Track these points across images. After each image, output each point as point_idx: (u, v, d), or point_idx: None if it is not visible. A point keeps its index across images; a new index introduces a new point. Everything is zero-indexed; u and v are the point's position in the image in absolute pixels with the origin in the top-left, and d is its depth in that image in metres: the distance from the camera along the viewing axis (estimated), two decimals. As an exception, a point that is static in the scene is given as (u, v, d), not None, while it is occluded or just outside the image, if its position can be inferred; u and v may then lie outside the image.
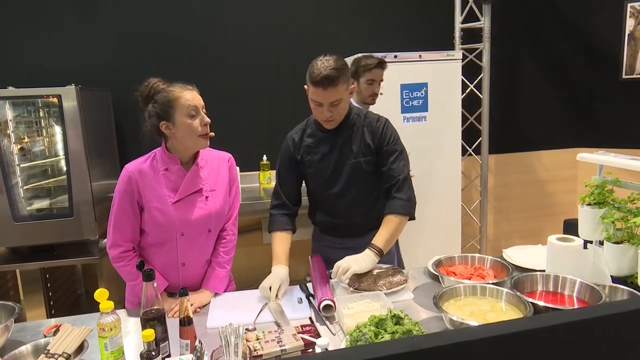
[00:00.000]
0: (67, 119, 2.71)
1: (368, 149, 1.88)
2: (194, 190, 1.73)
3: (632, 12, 3.68)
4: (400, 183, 1.85)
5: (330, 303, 1.56)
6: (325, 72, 1.67)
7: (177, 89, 1.64)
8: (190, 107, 1.62)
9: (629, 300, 1.32)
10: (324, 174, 1.92)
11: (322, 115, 1.79)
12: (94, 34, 3.31)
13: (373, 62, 2.59)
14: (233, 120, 3.53)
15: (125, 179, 1.67)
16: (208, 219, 1.76)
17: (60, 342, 1.33)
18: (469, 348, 0.70)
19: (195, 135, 1.65)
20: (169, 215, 1.68)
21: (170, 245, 1.73)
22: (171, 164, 1.71)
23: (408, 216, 1.86)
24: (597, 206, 1.75)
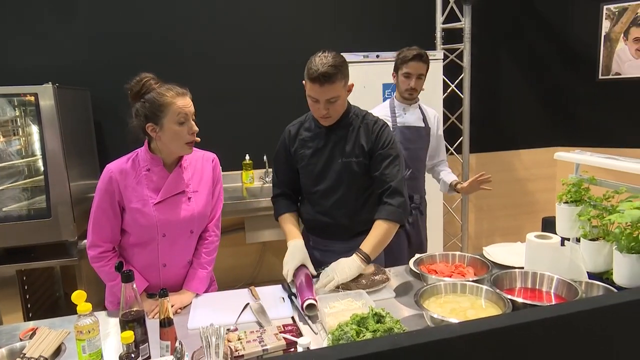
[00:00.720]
0: (44, 118, 2.65)
1: (361, 151, 1.86)
2: (177, 192, 1.71)
3: (608, 14, 3.76)
4: (392, 189, 1.81)
5: (313, 302, 1.55)
6: (323, 69, 1.67)
7: (170, 94, 1.60)
8: (181, 114, 1.60)
9: (604, 296, 1.35)
10: (313, 170, 1.91)
11: (318, 112, 1.79)
12: (72, 33, 3.25)
13: (410, 54, 2.42)
14: (215, 120, 3.50)
15: (106, 179, 1.65)
16: (190, 220, 1.74)
17: (36, 346, 1.31)
18: (449, 345, 0.71)
19: (181, 143, 1.64)
20: (150, 216, 1.66)
21: (152, 246, 1.71)
22: (154, 164, 1.68)
23: (398, 223, 1.82)
24: (573, 204, 1.78)
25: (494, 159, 4.15)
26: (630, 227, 1.50)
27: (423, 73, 2.45)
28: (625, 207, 1.52)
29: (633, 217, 1.46)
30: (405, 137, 2.49)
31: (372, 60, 3.20)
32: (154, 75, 1.66)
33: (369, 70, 3.20)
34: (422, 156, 2.57)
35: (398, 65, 2.48)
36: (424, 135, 2.54)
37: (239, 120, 3.59)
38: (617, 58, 3.75)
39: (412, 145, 2.49)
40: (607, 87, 3.84)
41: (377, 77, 3.22)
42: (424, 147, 2.56)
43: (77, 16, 3.24)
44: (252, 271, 3.68)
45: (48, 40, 3.22)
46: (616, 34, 3.73)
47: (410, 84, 2.44)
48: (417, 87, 2.46)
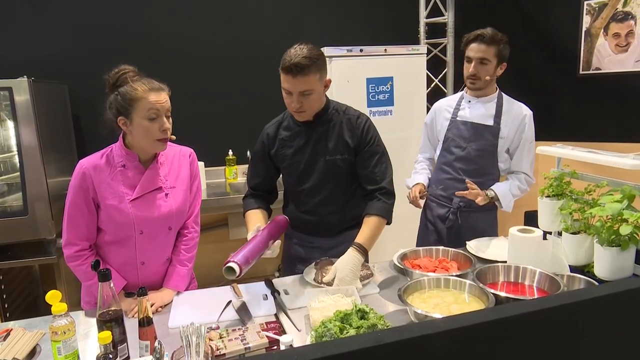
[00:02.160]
0: (20, 112, 2.58)
1: (346, 147, 1.82)
2: (153, 188, 1.67)
3: (589, 10, 3.80)
4: (386, 190, 1.81)
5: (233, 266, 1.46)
6: (296, 60, 1.61)
7: (142, 88, 1.55)
8: (152, 110, 1.55)
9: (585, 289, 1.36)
10: (297, 169, 1.87)
11: (291, 106, 1.73)
12: (49, 25, 3.17)
13: (471, 35, 2.12)
14: (198, 115, 3.46)
15: (79, 175, 1.60)
16: (168, 216, 1.70)
17: (10, 347, 1.27)
18: (432, 340, 0.71)
19: (151, 139, 1.59)
20: (126, 213, 1.62)
21: (129, 244, 1.68)
22: (129, 160, 1.64)
23: (388, 220, 1.81)
24: (555, 198, 1.79)
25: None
26: (610, 221, 1.51)
27: (486, 57, 2.07)
28: (606, 200, 1.53)
29: (613, 210, 1.47)
30: (459, 134, 2.20)
31: (356, 54, 3.18)
32: (135, 68, 1.62)
33: (353, 65, 3.18)
34: (480, 159, 2.18)
35: (463, 50, 2.18)
36: (486, 135, 2.15)
37: (222, 115, 3.55)
38: (597, 53, 3.80)
39: (465, 144, 2.18)
40: (588, 82, 3.88)
41: (361, 71, 3.21)
42: (485, 149, 2.17)
43: (53, 7, 3.16)
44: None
45: (23, 32, 3.13)
46: (596, 30, 3.78)
47: (470, 69, 2.12)
48: (479, 73, 2.10)
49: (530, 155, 2.20)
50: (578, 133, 3.88)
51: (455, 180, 2.20)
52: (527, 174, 2.21)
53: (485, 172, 2.19)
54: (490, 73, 2.12)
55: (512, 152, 2.20)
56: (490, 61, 2.09)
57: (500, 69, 2.15)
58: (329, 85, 1.78)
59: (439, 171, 2.29)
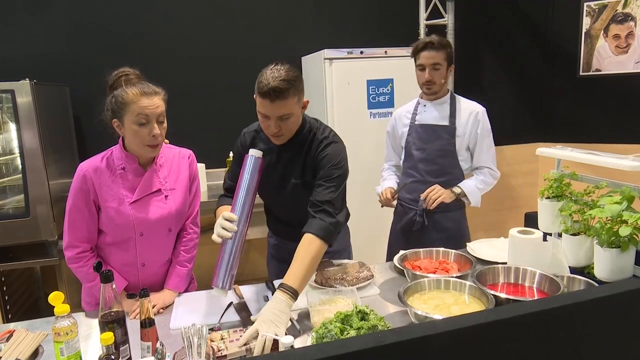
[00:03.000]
0: (22, 115, 2.59)
1: (307, 170, 1.74)
2: (153, 191, 1.69)
3: (589, 11, 3.81)
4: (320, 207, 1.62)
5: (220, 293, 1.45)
6: (274, 84, 1.51)
7: (133, 92, 1.55)
8: (141, 115, 1.55)
9: (585, 290, 1.37)
10: (270, 186, 1.80)
11: (269, 130, 1.63)
12: (50, 28, 3.17)
13: (420, 44, 2.19)
14: (199, 117, 3.47)
15: (79, 177, 1.61)
16: (168, 218, 1.71)
17: (13, 348, 1.28)
18: (433, 341, 0.71)
19: (141, 144, 1.59)
20: (126, 215, 1.63)
21: (129, 245, 1.69)
22: (129, 163, 1.66)
23: (327, 242, 1.59)
24: (555, 199, 1.80)
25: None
26: (610, 222, 1.51)
27: (438, 62, 2.16)
28: (606, 202, 1.54)
29: (613, 211, 1.48)
30: (418, 137, 2.27)
31: (356, 56, 3.19)
32: (136, 70, 1.63)
33: (353, 67, 3.19)
34: (440, 159, 2.24)
35: (413, 59, 2.25)
36: (444, 135, 2.23)
37: (223, 116, 3.56)
38: (597, 55, 3.80)
39: (425, 146, 2.25)
40: (588, 84, 3.89)
41: (361, 73, 3.21)
42: (444, 148, 2.23)
43: (53, 9, 3.17)
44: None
45: (24, 35, 3.14)
46: (596, 31, 3.78)
47: (425, 76, 2.19)
48: (434, 78, 2.18)
49: (490, 150, 2.28)
50: (578, 134, 3.89)
51: (419, 182, 2.26)
52: (490, 167, 2.28)
53: (448, 172, 2.25)
54: (443, 76, 2.22)
55: (472, 149, 2.28)
56: (441, 65, 2.18)
57: (449, 71, 2.24)
58: (306, 106, 1.70)
59: (405, 175, 2.37)
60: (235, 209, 1.53)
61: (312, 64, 3.38)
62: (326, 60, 3.13)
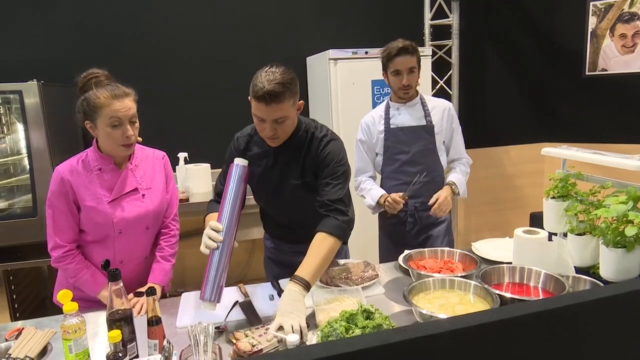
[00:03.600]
0: (29, 115, 2.62)
1: (308, 171, 1.74)
2: (130, 190, 1.73)
3: (594, 11, 3.79)
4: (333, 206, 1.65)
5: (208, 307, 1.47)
6: (269, 87, 1.50)
7: (104, 96, 1.58)
8: (114, 118, 1.59)
9: (590, 290, 1.37)
10: (266, 190, 1.81)
11: (264, 132, 1.63)
12: (55, 29, 3.20)
13: (394, 49, 2.17)
14: (204, 117, 3.48)
15: (57, 180, 1.66)
16: (145, 216, 1.76)
17: (22, 346, 1.29)
18: (437, 340, 0.71)
19: (115, 145, 1.64)
20: (105, 214, 1.67)
21: (108, 243, 1.73)
22: (105, 164, 1.69)
23: (341, 239, 1.63)
24: (561, 199, 1.79)
25: (482, 154, 4.18)
26: (616, 222, 1.51)
27: (414, 66, 2.19)
28: (611, 201, 1.54)
29: (619, 211, 1.47)
30: (399, 140, 2.27)
31: (361, 56, 3.19)
32: (105, 72, 1.67)
33: (358, 67, 3.20)
34: (424, 159, 2.26)
35: (385, 64, 2.24)
36: (424, 135, 2.26)
37: (229, 116, 3.57)
38: (603, 54, 3.79)
39: (407, 148, 2.25)
40: (594, 83, 3.87)
41: (366, 73, 3.22)
42: (426, 148, 2.26)
43: (61, 12, 3.19)
44: (241, 269, 3.67)
45: (30, 36, 3.16)
46: (602, 30, 3.77)
47: (402, 81, 2.19)
48: (410, 82, 2.20)
49: (462, 140, 2.40)
50: (584, 134, 3.87)
51: (405, 184, 2.24)
52: (466, 157, 2.40)
53: (432, 170, 2.28)
54: (417, 79, 2.25)
55: (447, 143, 2.34)
56: (416, 68, 2.21)
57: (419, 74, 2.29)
58: (301, 108, 1.68)
59: (388, 180, 2.33)
60: (222, 219, 1.54)
61: (317, 64, 3.39)
62: (331, 61, 3.13)
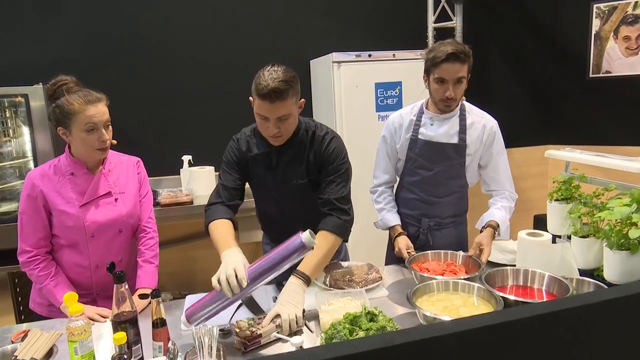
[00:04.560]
0: (35, 118, 2.64)
1: (313, 169, 1.75)
2: (102, 194, 1.74)
3: (598, 13, 3.79)
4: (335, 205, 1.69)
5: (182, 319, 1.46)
6: (273, 85, 1.52)
7: (78, 102, 1.60)
8: (89, 124, 1.61)
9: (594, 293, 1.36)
10: (268, 192, 1.81)
11: (268, 131, 1.64)
12: (61, 34, 3.22)
13: (443, 54, 1.83)
14: (207, 120, 3.49)
15: (28, 185, 1.67)
16: (118, 220, 1.76)
17: (28, 348, 1.30)
18: (441, 343, 0.71)
19: (91, 149, 1.66)
20: (76, 217, 1.68)
21: (82, 247, 1.73)
22: (77, 168, 1.71)
23: (342, 237, 1.69)
24: (564, 201, 1.79)
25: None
26: (619, 224, 1.51)
27: (463, 76, 1.86)
28: (615, 204, 1.53)
29: (622, 214, 1.47)
30: (422, 154, 2.01)
31: (365, 59, 3.20)
32: (74, 78, 1.69)
33: (361, 70, 3.20)
34: (448, 181, 2.03)
35: (429, 68, 1.91)
36: (452, 154, 1.98)
37: (233, 120, 3.58)
38: (607, 56, 3.78)
39: (431, 166, 2.00)
40: (598, 86, 3.87)
41: (369, 76, 3.22)
42: (450, 169, 2.01)
43: (67, 16, 3.21)
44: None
45: (36, 40, 3.18)
46: (606, 33, 3.76)
47: (445, 92, 1.87)
48: (456, 95, 1.89)
49: (507, 169, 2.06)
50: (587, 136, 3.86)
51: (422, 201, 2.07)
52: (510, 191, 2.07)
53: (454, 192, 2.06)
54: (463, 90, 1.93)
55: (483, 166, 2.04)
56: (465, 78, 1.89)
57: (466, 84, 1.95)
58: (302, 107, 1.69)
59: (406, 191, 2.12)
60: (251, 273, 1.41)
61: (321, 67, 3.40)
62: (334, 64, 3.14)
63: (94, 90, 1.67)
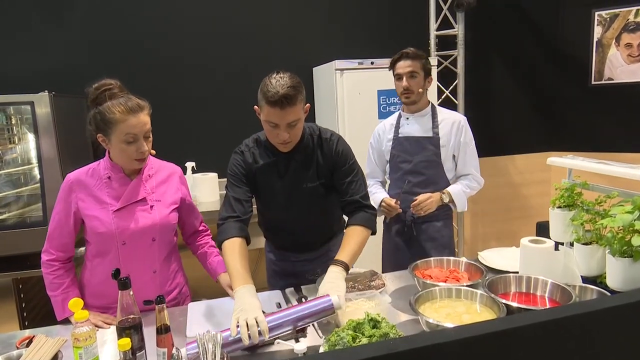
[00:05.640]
0: (40, 125, 2.65)
1: (323, 171, 1.78)
2: (137, 199, 1.70)
3: (600, 20, 3.81)
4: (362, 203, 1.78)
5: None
6: (283, 91, 1.54)
7: (119, 110, 1.55)
8: (130, 135, 1.57)
9: (597, 300, 1.37)
10: (278, 199, 1.82)
11: (278, 138, 1.65)
12: (66, 41, 3.25)
13: (396, 56, 2.27)
14: (213, 127, 3.51)
15: (66, 188, 1.67)
16: (152, 228, 1.70)
17: (33, 354, 1.31)
18: (444, 350, 0.71)
19: (129, 159, 1.63)
20: (108, 223, 1.64)
21: (112, 256, 1.68)
22: (114, 172, 1.68)
23: (371, 230, 1.77)
24: (567, 209, 1.80)
25: (488, 164, 4.17)
26: (622, 231, 1.51)
27: (415, 70, 2.21)
28: (617, 211, 1.54)
29: (625, 221, 1.48)
30: (403, 149, 2.33)
31: (367, 67, 3.22)
32: (118, 82, 1.64)
33: (364, 77, 3.22)
34: (427, 170, 2.29)
35: (391, 71, 2.32)
36: (428, 146, 2.28)
37: (236, 126, 3.60)
38: (609, 63, 3.80)
39: (410, 158, 2.30)
40: (600, 93, 3.88)
41: (372, 83, 3.24)
42: (430, 159, 2.29)
43: (72, 24, 3.25)
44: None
45: (42, 47, 3.22)
46: (608, 40, 3.78)
47: (402, 85, 2.24)
48: (411, 86, 2.23)
49: (474, 157, 2.35)
50: (589, 143, 3.87)
51: (407, 193, 2.28)
52: (474, 174, 2.35)
53: (434, 182, 2.30)
54: (420, 85, 2.25)
55: (456, 158, 2.33)
56: (418, 74, 2.22)
57: (428, 83, 2.29)
58: (307, 111, 1.72)
59: (392, 187, 2.42)
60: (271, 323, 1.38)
61: (323, 75, 3.42)
62: (337, 71, 3.16)
63: (137, 97, 1.62)
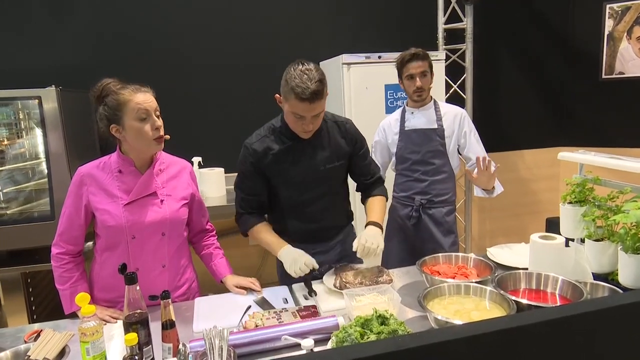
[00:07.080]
0: (48, 120, 2.66)
1: (341, 153, 1.89)
2: (148, 193, 1.70)
3: (611, 13, 3.75)
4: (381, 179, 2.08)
5: None
6: (314, 87, 1.60)
7: (127, 92, 1.60)
8: (141, 110, 1.58)
9: (609, 297, 1.35)
10: (295, 182, 1.86)
11: (303, 127, 1.72)
12: (73, 36, 3.26)
13: (407, 55, 2.37)
14: (219, 122, 3.51)
15: (77, 181, 1.67)
16: (161, 222, 1.71)
17: (40, 348, 1.31)
18: (453, 347, 0.71)
19: (146, 139, 1.62)
20: (118, 217, 1.64)
21: (121, 249, 1.69)
22: (125, 166, 1.68)
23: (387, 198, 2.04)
24: (578, 204, 1.77)
25: (497, 159, 4.10)
26: (635, 228, 1.49)
27: (426, 70, 2.36)
28: (630, 207, 1.51)
29: (638, 217, 1.45)
30: (411, 141, 2.45)
31: (374, 61, 3.19)
32: (116, 79, 1.67)
33: (371, 71, 3.20)
34: (434, 159, 2.44)
35: (399, 70, 2.42)
36: (434, 137, 2.42)
37: (243, 122, 3.59)
38: (620, 57, 3.74)
39: (419, 149, 2.43)
40: (611, 87, 3.82)
41: (379, 78, 3.22)
42: (436, 149, 2.43)
43: (80, 19, 3.25)
44: (255, 273, 3.68)
45: (48, 43, 3.22)
46: (619, 33, 3.72)
47: (415, 84, 2.36)
48: (423, 85, 2.37)
49: (480, 143, 2.51)
50: (601, 138, 3.82)
51: (415, 180, 2.46)
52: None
53: (441, 171, 2.45)
54: (430, 83, 2.42)
55: (462, 146, 2.48)
56: (428, 72, 2.39)
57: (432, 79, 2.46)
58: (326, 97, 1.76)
59: (400, 176, 2.55)
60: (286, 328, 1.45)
61: (331, 69, 3.39)
62: (344, 65, 3.14)
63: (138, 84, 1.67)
